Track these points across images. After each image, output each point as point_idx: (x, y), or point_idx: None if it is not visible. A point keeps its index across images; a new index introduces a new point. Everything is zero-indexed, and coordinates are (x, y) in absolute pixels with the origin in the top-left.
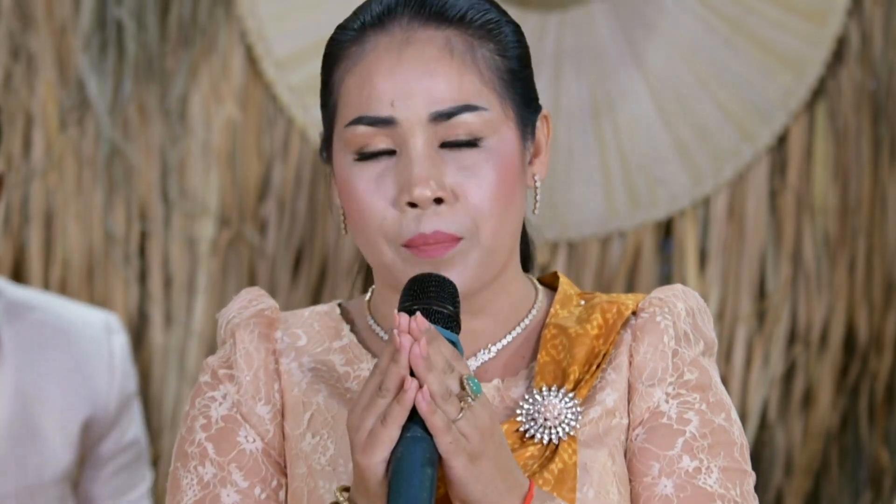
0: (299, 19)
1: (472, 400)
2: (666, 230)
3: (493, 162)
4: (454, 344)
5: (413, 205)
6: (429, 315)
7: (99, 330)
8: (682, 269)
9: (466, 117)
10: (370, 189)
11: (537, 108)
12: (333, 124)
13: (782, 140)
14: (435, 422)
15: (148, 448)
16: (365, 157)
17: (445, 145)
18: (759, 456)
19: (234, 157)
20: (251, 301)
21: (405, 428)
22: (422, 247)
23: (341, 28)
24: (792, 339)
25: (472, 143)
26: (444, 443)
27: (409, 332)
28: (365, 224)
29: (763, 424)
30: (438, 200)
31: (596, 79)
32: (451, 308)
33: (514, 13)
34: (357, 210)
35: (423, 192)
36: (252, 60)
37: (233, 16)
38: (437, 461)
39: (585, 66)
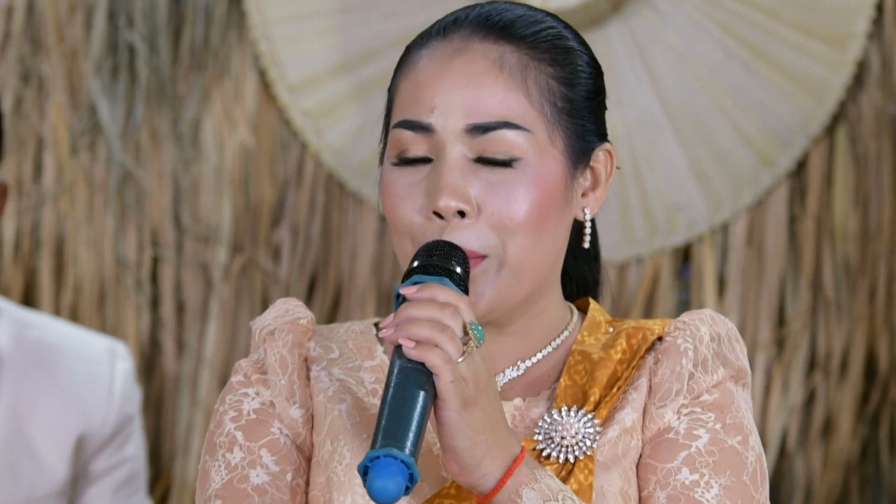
0: (313, 43)
1: (476, 346)
2: (684, 256)
3: (527, 183)
4: None
5: (439, 215)
6: (435, 270)
7: (102, 353)
8: (700, 296)
9: (505, 134)
10: (403, 195)
11: (595, 141)
12: (388, 127)
13: (802, 165)
14: (433, 359)
15: (147, 473)
16: (403, 161)
17: (480, 160)
18: (778, 485)
19: (246, 183)
20: (287, 311)
21: (409, 362)
22: None
23: (417, 36)
24: (812, 366)
25: (506, 163)
26: (444, 381)
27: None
28: (395, 226)
29: (782, 453)
30: (462, 214)
31: (613, 103)
32: (458, 269)
33: None
34: (390, 212)
35: (448, 203)
36: (265, 85)
37: (246, 40)
38: (431, 394)
39: None
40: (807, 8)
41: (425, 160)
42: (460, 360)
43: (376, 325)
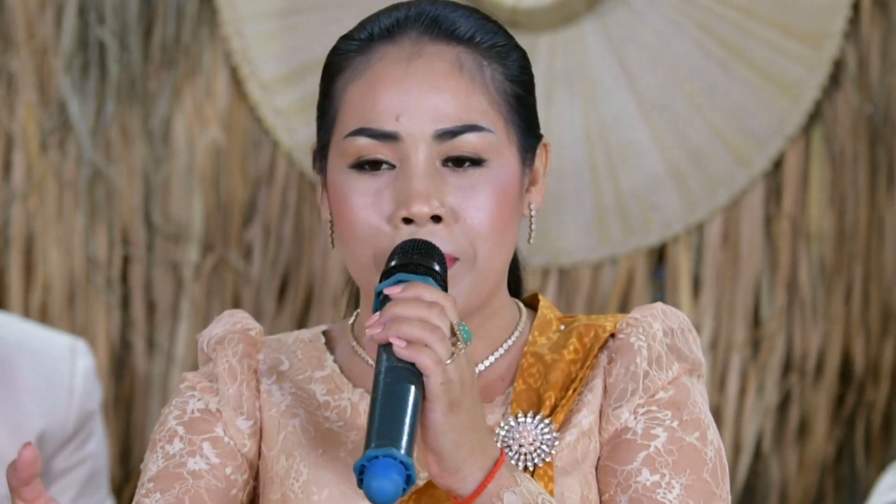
0: (286, 41)
1: (463, 347)
2: (659, 257)
3: (493, 185)
4: None
5: (408, 221)
6: (415, 269)
7: (62, 350)
8: (675, 297)
9: (471, 137)
10: (365, 203)
11: (538, 136)
12: (332, 134)
13: (778, 165)
14: (425, 360)
15: (118, 474)
16: (362, 164)
17: (448, 161)
18: (753, 487)
19: (218, 181)
20: (235, 322)
21: (398, 361)
22: None
23: (346, 38)
24: (787, 367)
25: (475, 162)
26: (434, 382)
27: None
28: (355, 238)
29: (757, 455)
30: (436, 219)
31: (588, 102)
32: (438, 268)
33: None
34: (349, 223)
35: (422, 209)
36: (237, 82)
37: (217, 36)
38: (421, 393)
39: (577, 89)
40: (783, 7)
41: (388, 165)
42: (449, 361)
43: (325, 332)
